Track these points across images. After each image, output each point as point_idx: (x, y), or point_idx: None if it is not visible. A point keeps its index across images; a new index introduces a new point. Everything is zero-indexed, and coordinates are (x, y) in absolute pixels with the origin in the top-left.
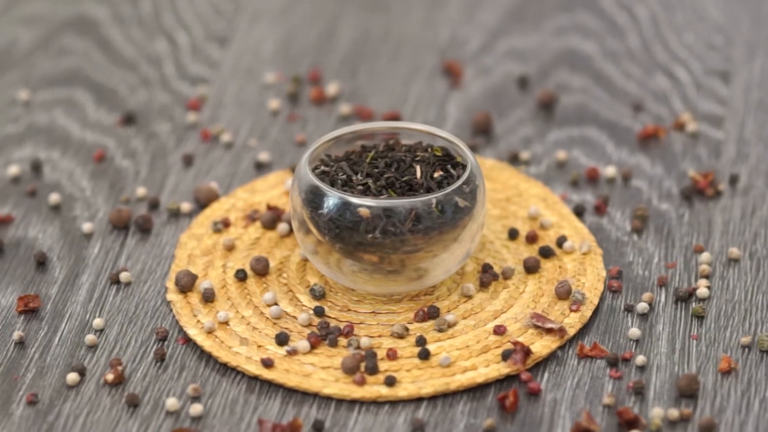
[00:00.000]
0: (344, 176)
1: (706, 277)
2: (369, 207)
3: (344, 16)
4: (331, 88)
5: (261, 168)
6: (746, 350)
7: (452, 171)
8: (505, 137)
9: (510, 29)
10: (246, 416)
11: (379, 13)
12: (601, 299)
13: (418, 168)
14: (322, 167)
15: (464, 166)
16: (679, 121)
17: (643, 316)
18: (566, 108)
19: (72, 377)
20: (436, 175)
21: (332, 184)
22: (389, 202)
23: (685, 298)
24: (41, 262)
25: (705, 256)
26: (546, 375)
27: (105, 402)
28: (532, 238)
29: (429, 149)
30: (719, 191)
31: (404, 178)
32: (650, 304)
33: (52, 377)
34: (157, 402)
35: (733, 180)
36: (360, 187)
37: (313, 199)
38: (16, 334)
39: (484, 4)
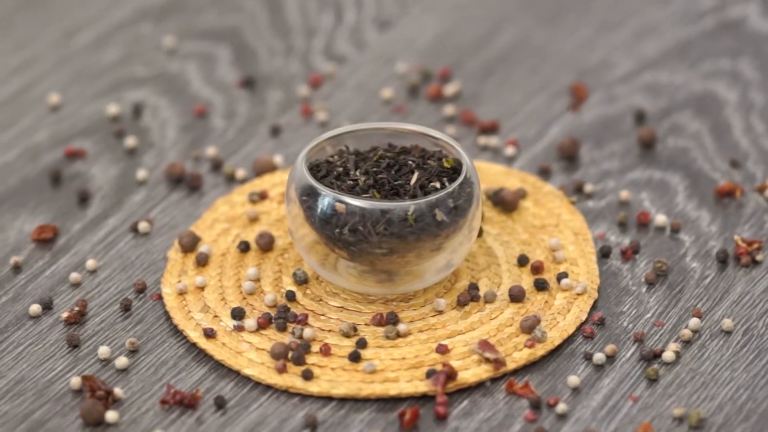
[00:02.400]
0: (341, 169)
1: (687, 342)
2: (345, 204)
3: (512, 22)
4: (451, 88)
5: None
6: (676, 422)
7: (447, 184)
8: (586, 167)
9: (663, 63)
10: (165, 378)
11: (547, 25)
12: (567, 342)
13: (415, 174)
14: (329, 157)
15: (469, 182)
16: (764, 185)
17: (598, 367)
18: (665, 150)
19: (34, 309)
20: (433, 184)
21: (327, 175)
22: (365, 203)
23: (649, 358)
24: (83, 199)
25: (694, 321)
26: (464, 403)
27: (51, 338)
28: (536, 269)
29: (442, 159)
30: (756, 261)
31: (397, 182)
32: (611, 357)
33: (21, 305)
34: (96, 347)
35: None
36: (350, 183)
37: (302, 189)
38: (14, 259)
39: (656, 35)
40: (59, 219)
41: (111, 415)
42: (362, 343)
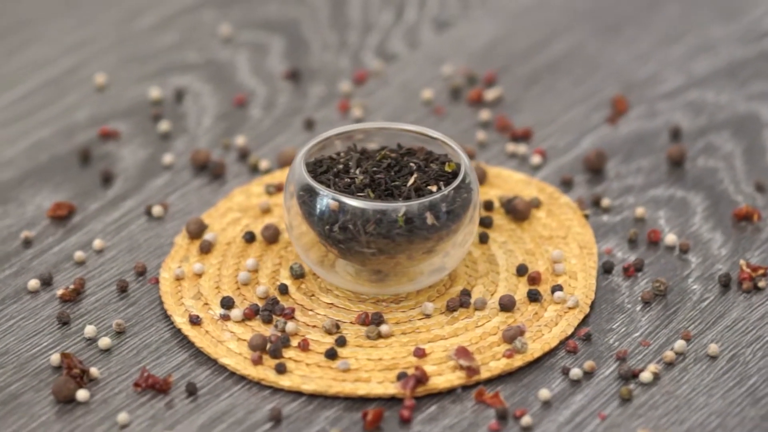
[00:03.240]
0: (342, 166)
1: (670, 364)
2: (336, 201)
3: (571, 30)
4: (492, 93)
5: None
6: None
7: (444, 188)
8: (609, 181)
9: (712, 82)
10: (144, 362)
11: (605, 36)
12: (549, 355)
13: (413, 176)
14: (335, 154)
15: (467, 187)
16: None
17: (574, 382)
18: (694, 169)
19: (32, 284)
20: (430, 187)
21: (327, 171)
22: (357, 201)
23: (628, 377)
24: (106, 179)
25: (680, 344)
26: (433, 408)
27: (44, 313)
28: (533, 279)
29: (445, 163)
30: (758, 287)
31: (393, 183)
32: (589, 373)
33: (22, 279)
34: (85, 326)
35: None
36: (347, 181)
37: (300, 185)
38: (25, 233)
39: (710, 53)
40: (79, 197)
41: (81, 394)
42: (341, 341)
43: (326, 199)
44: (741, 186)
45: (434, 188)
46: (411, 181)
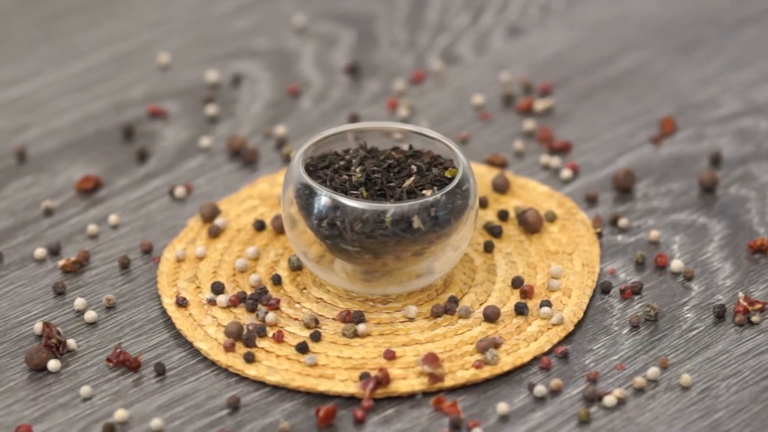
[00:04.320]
0: (343, 162)
1: (640, 390)
2: (326, 197)
3: (641, 47)
4: (541, 104)
5: None
6: None
7: (436, 193)
8: (634, 201)
9: None
10: (122, 339)
11: (675, 55)
12: (521, 369)
13: (410, 179)
14: (341, 150)
15: (463, 194)
16: None
17: (538, 399)
18: (724, 196)
19: (39, 252)
20: (425, 191)
21: (328, 166)
22: (346, 199)
23: (592, 399)
24: (142, 157)
25: (653, 371)
26: (390, 411)
27: (43, 282)
28: (525, 293)
29: (446, 168)
30: (751, 322)
31: (390, 183)
32: (555, 392)
33: (33, 247)
34: (77, 319)
35: None
36: (344, 177)
37: (297, 179)
38: (47, 203)
39: None
40: (110, 172)
41: (52, 364)
42: (316, 336)
43: (317, 193)
44: (766, 218)
45: (428, 192)
46: (407, 183)
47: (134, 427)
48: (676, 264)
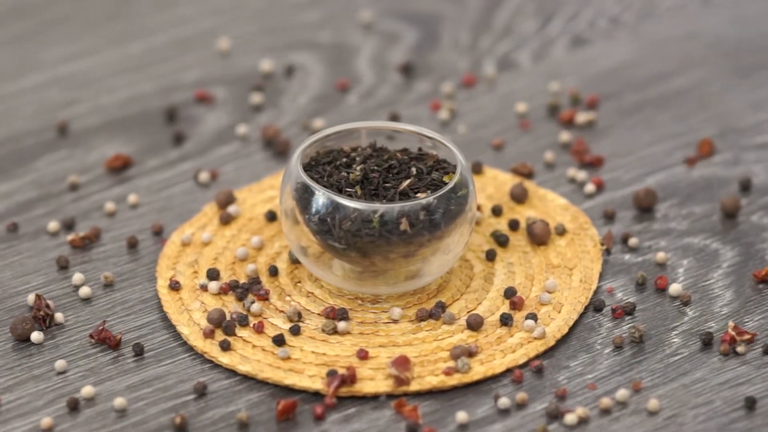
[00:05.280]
0: (346, 160)
1: (605, 411)
2: (318, 194)
3: (703, 66)
4: (583, 117)
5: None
6: None
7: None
8: (651, 221)
9: None
10: (111, 317)
11: (733, 77)
12: (491, 380)
13: (407, 181)
14: (347, 147)
15: (458, 200)
16: None
17: (501, 412)
18: (744, 224)
19: (52, 226)
20: (419, 195)
21: (329, 162)
22: (338, 198)
23: (554, 416)
24: (178, 140)
25: (621, 393)
26: (352, 410)
27: (50, 255)
28: (514, 304)
29: (447, 173)
30: (736, 352)
31: (386, 183)
32: (521, 406)
33: (48, 220)
34: (73, 294)
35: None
36: (343, 174)
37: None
38: (73, 178)
39: None
40: (142, 153)
41: (35, 336)
42: (295, 330)
43: (310, 188)
44: None
45: (422, 195)
46: (403, 185)
47: (98, 405)
48: (675, 288)
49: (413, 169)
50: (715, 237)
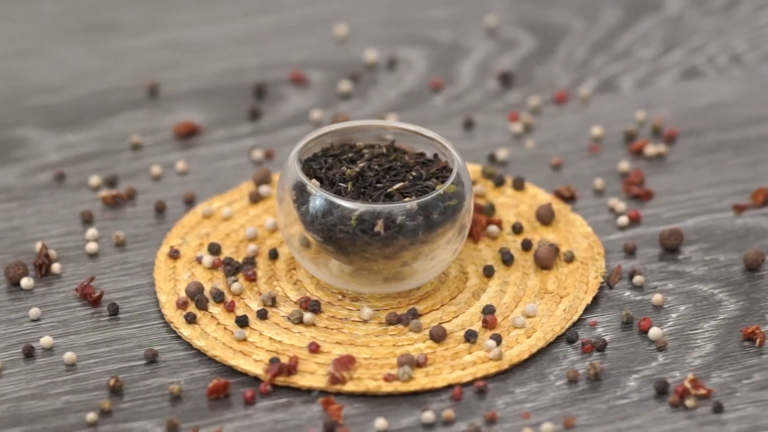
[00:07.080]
0: (349, 156)
1: (569, 427)
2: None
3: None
4: (653, 149)
5: None
6: None
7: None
8: (670, 262)
9: None
10: (107, 275)
11: None
12: (429, 392)
13: (398, 184)
14: (358, 143)
15: (454, 208)
16: None
17: (424, 426)
18: (762, 279)
19: (94, 181)
20: (407, 200)
21: (335, 156)
22: (323, 193)
23: None
24: (254, 115)
25: (546, 426)
26: (282, 399)
27: (79, 208)
28: (486, 322)
29: (443, 182)
30: (685, 406)
31: (377, 184)
32: (446, 422)
33: (91, 176)
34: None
35: None
36: (342, 169)
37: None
38: (135, 138)
39: None
40: (215, 123)
41: (25, 282)
42: (262, 314)
43: (300, 179)
44: None
45: (407, 200)
46: (393, 187)
47: (53, 356)
48: (654, 332)
49: (412, 173)
50: (726, 288)
